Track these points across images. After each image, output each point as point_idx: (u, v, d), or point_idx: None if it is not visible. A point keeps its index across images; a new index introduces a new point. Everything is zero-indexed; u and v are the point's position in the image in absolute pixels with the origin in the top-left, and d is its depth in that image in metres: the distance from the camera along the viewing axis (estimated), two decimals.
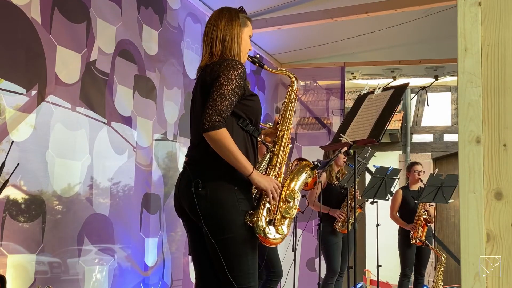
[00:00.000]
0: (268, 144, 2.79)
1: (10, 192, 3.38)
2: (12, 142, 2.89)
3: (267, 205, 2.51)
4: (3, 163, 2.51)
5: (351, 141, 3.00)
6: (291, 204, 2.59)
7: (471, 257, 1.53)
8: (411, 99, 11.16)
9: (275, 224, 2.52)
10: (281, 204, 2.56)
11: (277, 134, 2.72)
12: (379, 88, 3.13)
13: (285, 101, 2.78)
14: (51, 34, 3.71)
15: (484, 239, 1.53)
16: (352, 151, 3.09)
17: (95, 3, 4.11)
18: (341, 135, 3.05)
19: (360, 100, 3.22)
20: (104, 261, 4.10)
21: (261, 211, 2.49)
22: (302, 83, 7.74)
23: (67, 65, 3.84)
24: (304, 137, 7.47)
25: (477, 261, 1.53)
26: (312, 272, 6.68)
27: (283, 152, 2.67)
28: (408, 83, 3.38)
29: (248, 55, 2.75)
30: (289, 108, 2.76)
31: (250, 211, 2.48)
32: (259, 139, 2.69)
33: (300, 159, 2.85)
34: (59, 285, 3.74)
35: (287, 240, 5.49)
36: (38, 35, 3.61)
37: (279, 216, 2.54)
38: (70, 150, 3.88)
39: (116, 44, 4.32)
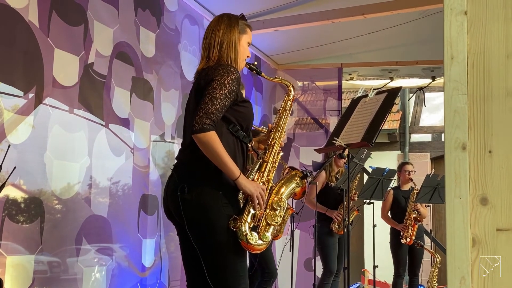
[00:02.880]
0: (259, 151, 2.81)
1: (9, 193, 3.40)
2: (9, 145, 2.92)
3: (252, 211, 2.52)
4: (0, 166, 2.53)
5: (344, 144, 3.03)
6: (277, 212, 2.61)
7: (457, 262, 1.56)
8: (408, 100, 11.18)
9: (259, 230, 2.54)
10: (267, 211, 2.58)
11: (269, 142, 2.73)
12: (373, 91, 3.17)
13: (280, 109, 2.80)
14: (49, 37, 3.74)
15: (470, 244, 1.57)
16: (345, 153, 3.12)
17: (92, 6, 4.13)
18: (335, 138, 3.09)
19: (354, 103, 3.25)
20: (102, 261, 4.13)
21: (245, 216, 2.51)
22: (299, 83, 7.77)
23: (65, 67, 3.87)
24: (302, 137, 7.51)
25: (463, 265, 1.56)
26: (310, 272, 6.71)
27: (273, 159, 2.69)
28: (401, 87, 3.42)
29: (246, 62, 2.77)
30: (284, 116, 2.77)
31: (234, 216, 2.50)
32: (249, 145, 2.70)
33: (292, 168, 2.87)
34: (58, 283, 3.77)
35: (285, 240, 5.54)
36: (35, 38, 3.64)
37: (264, 223, 2.56)
38: (69, 152, 3.91)
39: (114, 47, 4.35)
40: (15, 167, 2.78)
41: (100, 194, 4.17)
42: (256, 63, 2.88)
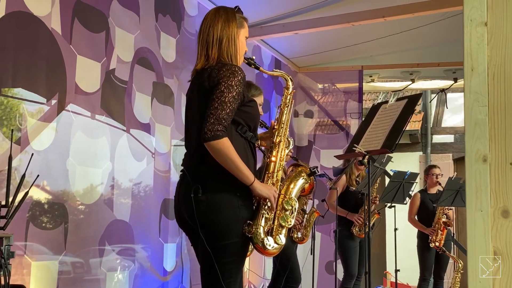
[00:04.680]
0: (263, 148, 2.76)
1: (33, 199, 3.45)
2: (32, 154, 2.95)
3: (266, 215, 2.47)
4: (23, 176, 2.57)
5: (364, 151, 3.02)
6: (288, 213, 2.53)
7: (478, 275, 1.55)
8: (430, 101, 11.05)
9: (273, 234, 2.48)
10: (278, 211, 2.51)
11: (274, 140, 2.65)
12: (393, 97, 3.15)
13: (281, 104, 2.71)
14: (71, 44, 3.79)
15: (491, 257, 1.55)
16: (366, 160, 3.10)
17: (113, 13, 4.18)
18: (355, 145, 3.07)
19: (374, 109, 3.24)
20: (124, 265, 4.17)
21: (260, 221, 2.45)
22: (320, 85, 7.76)
23: (87, 74, 3.92)
24: (322, 140, 7.49)
25: (484, 278, 1.55)
26: (331, 275, 6.69)
27: (280, 158, 2.61)
28: (421, 94, 3.39)
29: (244, 57, 2.67)
30: (285, 112, 2.69)
31: (248, 221, 2.44)
32: (256, 144, 2.63)
33: (296, 165, 2.81)
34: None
35: (306, 243, 5.53)
36: (58, 45, 3.69)
37: (276, 224, 2.50)
38: (91, 157, 3.95)
39: (135, 52, 4.39)
40: (38, 176, 2.82)
41: (122, 199, 4.21)
42: (254, 57, 2.76)
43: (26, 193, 2.56)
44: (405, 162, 10.38)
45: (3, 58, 3.32)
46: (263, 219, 2.47)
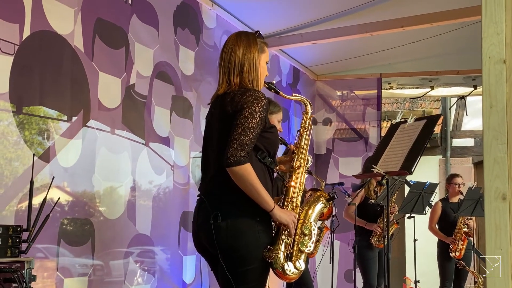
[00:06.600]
0: (282, 171, 2.77)
1: (59, 218, 3.50)
2: (53, 177, 2.98)
3: (285, 240, 2.48)
4: (44, 199, 2.61)
5: (383, 172, 3.02)
6: (307, 237, 2.55)
7: None
8: (450, 108, 10.94)
9: (293, 259, 2.50)
10: (297, 236, 2.53)
11: (293, 165, 2.66)
12: (411, 118, 3.15)
13: (300, 129, 2.73)
14: (93, 61, 3.84)
15: None
16: (384, 181, 3.10)
17: (133, 28, 4.22)
18: (373, 166, 3.07)
19: (392, 129, 3.24)
20: (144, 278, 4.21)
21: (280, 246, 2.46)
22: (338, 93, 7.76)
23: (108, 90, 3.97)
24: (341, 147, 7.47)
25: None
26: (350, 284, 6.69)
27: (300, 183, 2.62)
28: (440, 115, 3.38)
29: (265, 81, 2.69)
30: (304, 136, 2.70)
31: (268, 247, 2.45)
32: (275, 170, 2.64)
33: (314, 190, 2.82)
34: None
35: (323, 250, 5.53)
36: (81, 62, 3.74)
37: (296, 250, 2.51)
38: (115, 172, 4.00)
39: (154, 67, 4.43)
40: (59, 198, 2.87)
41: (144, 213, 4.25)
42: (274, 81, 2.78)
43: (47, 217, 2.60)
44: (424, 166, 10.31)
45: (29, 76, 3.37)
46: (283, 244, 2.48)
